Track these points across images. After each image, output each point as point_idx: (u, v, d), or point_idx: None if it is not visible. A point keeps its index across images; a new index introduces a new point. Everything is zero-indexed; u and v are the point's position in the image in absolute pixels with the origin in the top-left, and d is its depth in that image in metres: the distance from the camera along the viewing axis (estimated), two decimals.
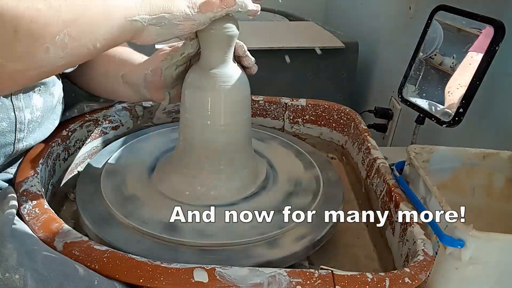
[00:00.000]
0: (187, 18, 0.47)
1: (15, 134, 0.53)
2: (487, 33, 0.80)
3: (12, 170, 0.56)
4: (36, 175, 0.54)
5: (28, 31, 0.35)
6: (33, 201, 0.50)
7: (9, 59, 0.36)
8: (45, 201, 0.51)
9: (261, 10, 0.53)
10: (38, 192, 0.51)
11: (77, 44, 0.40)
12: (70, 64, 0.43)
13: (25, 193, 0.51)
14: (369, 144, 0.68)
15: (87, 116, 0.69)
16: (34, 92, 0.55)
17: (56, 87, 0.60)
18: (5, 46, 0.35)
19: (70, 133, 0.65)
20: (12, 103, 0.52)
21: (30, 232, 0.45)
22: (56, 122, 0.63)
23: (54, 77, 0.59)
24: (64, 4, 0.37)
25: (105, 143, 0.72)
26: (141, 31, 0.46)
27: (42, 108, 0.57)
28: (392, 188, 0.57)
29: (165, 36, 0.48)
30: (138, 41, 0.48)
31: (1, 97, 0.50)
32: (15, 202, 0.48)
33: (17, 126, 0.53)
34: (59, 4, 0.37)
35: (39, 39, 0.36)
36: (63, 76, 0.64)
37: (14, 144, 0.54)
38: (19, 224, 0.45)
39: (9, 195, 0.49)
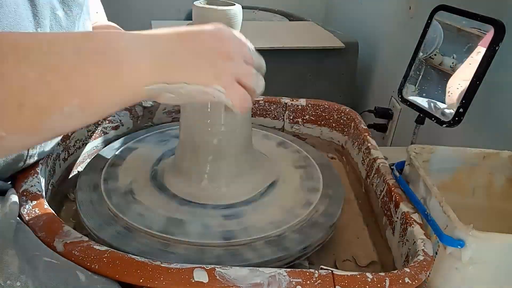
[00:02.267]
0: (206, 93, 0.40)
1: (28, 151, 0.53)
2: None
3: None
4: (36, 175, 0.54)
5: (33, 105, 0.33)
6: (33, 201, 0.50)
7: (12, 131, 0.33)
8: (45, 201, 0.51)
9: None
10: (38, 192, 0.51)
11: (87, 113, 0.36)
12: (79, 128, 0.40)
13: (25, 193, 0.51)
14: (369, 144, 0.68)
15: None
16: None
17: None
18: (9, 120, 0.32)
19: (70, 133, 0.65)
20: None
21: (32, 235, 0.45)
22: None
23: None
24: (75, 75, 0.34)
25: (105, 143, 0.72)
26: (157, 96, 0.41)
27: None
28: (392, 188, 0.57)
29: (180, 102, 0.43)
30: (155, 100, 0.43)
31: None
32: (17, 205, 0.47)
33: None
34: (70, 74, 0.34)
35: (45, 112, 0.33)
36: None
37: (25, 160, 0.54)
38: (20, 227, 0.45)
39: (10, 197, 0.49)
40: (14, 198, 0.49)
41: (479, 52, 0.78)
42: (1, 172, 0.52)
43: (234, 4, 0.53)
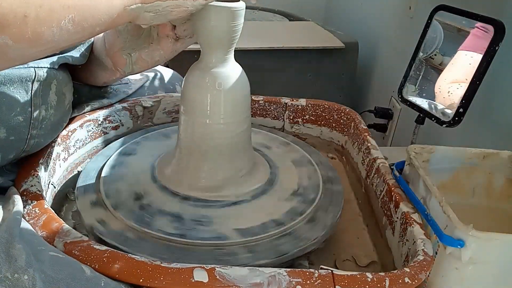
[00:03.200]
0: (179, 5, 0.49)
1: (29, 130, 0.54)
2: (476, 32, 0.80)
3: (17, 169, 0.56)
4: (36, 175, 0.54)
5: (36, 16, 0.38)
6: (33, 201, 0.50)
7: (18, 40, 0.38)
8: (45, 201, 0.51)
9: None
10: (38, 192, 0.51)
11: (80, 28, 0.42)
12: (71, 45, 0.48)
13: (25, 193, 0.51)
14: (369, 144, 0.68)
15: (87, 116, 0.69)
16: (51, 89, 0.56)
17: (68, 87, 0.61)
18: (16, 29, 0.37)
19: (70, 133, 0.65)
20: (31, 99, 0.53)
21: (35, 232, 0.45)
22: (65, 124, 0.64)
23: (67, 76, 0.60)
24: None
25: (105, 143, 0.72)
26: (137, 17, 0.48)
27: (55, 107, 0.57)
28: (392, 188, 0.57)
29: (159, 20, 0.50)
30: (135, 23, 0.50)
31: (20, 91, 0.52)
32: (20, 202, 0.48)
33: (32, 122, 0.54)
34: None
35: (46, 23, 0.39)
36: None
37: (27, 140, 0.54)
38: (24, 224, 0.45)
39: (13, 195, 0.49)
40: (17, 195, 0.49)
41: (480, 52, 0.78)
42: (3, 151, 0.52)
43: (239, 0, 0.53)
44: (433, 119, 0.83)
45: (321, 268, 0.44)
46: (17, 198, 0.49)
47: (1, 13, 0.36)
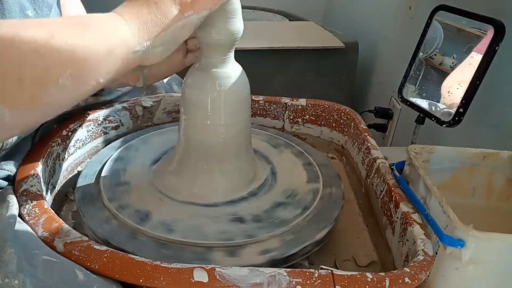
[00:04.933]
0: (185, 25, 0.47)
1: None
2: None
3: (7, 166, 0.55)
4: (36, 175, 0.54)
5: (31, 77, 0.35)
6: (33, 201, 0.50)
7: (14, 106, 0.35)
8: (45, 201, 0.51)
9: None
10: (38, 192, 0.51)
11: (81, 83, 0.39)
12: (74, 102, 0.42)
13: (25, 193, 0.51)
14: (369, 144, 0.68)
15: (87, 116, 0.69)
16: None
17: None
18: (10, 95, 0.35)
19: (70, 133, 0.65)
20: None
21: (32, 233, 0.45)
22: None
23: None
24: (65, 47, 0.37)
25: (105, 143, 0.72)
26: (147, 58, 0.46)
27: None
28: (392, 188, 0.57)
29: (170, 49, 0.48)
30: (146, 63, 0.47)
31: None
32: (16, 204, 0.47)
33: None
34: (60, 46, 0.36)
35: (42, 84, 0.36)
36: None
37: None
38: (20, 226, 0.45)
39: (8, 196, 0.49)
40: (12, 197, 0.49)
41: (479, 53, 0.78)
42: None
43: None
44: (433, 119, 0.83)
45: (321, 268, 0.44)
46: (12, 199, 0.48)
47: None
